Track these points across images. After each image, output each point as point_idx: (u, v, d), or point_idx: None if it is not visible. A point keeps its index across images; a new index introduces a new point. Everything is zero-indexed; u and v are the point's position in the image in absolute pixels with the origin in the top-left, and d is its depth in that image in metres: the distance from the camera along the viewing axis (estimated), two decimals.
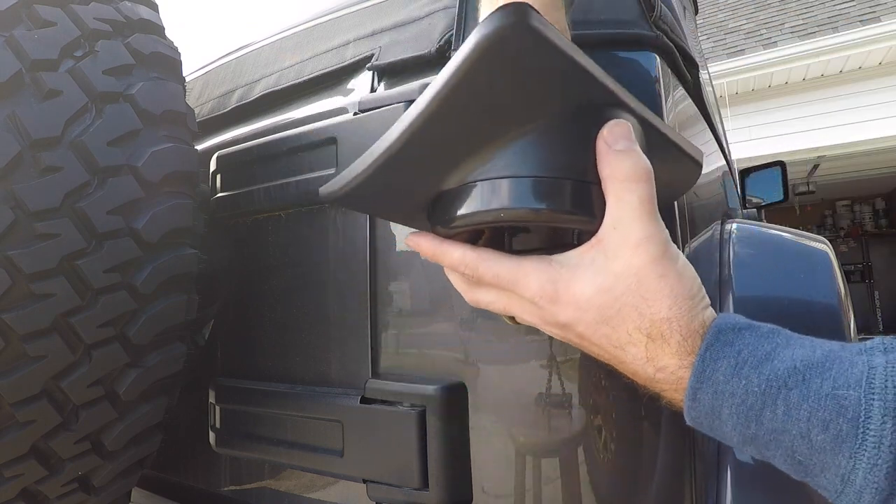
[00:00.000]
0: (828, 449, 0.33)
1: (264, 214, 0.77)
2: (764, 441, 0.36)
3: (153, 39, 0.69)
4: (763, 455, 0.37)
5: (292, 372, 0.74)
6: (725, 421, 0.37)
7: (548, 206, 0.37)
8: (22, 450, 0.61)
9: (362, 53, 0.73)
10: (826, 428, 0.33)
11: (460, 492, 0.58)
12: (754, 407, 0.35)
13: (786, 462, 0.36)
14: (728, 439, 0.38)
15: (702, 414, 0.38)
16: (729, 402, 0.36)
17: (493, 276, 0.41)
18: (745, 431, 0.36)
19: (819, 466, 0.34)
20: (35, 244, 0.56)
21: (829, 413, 0.33)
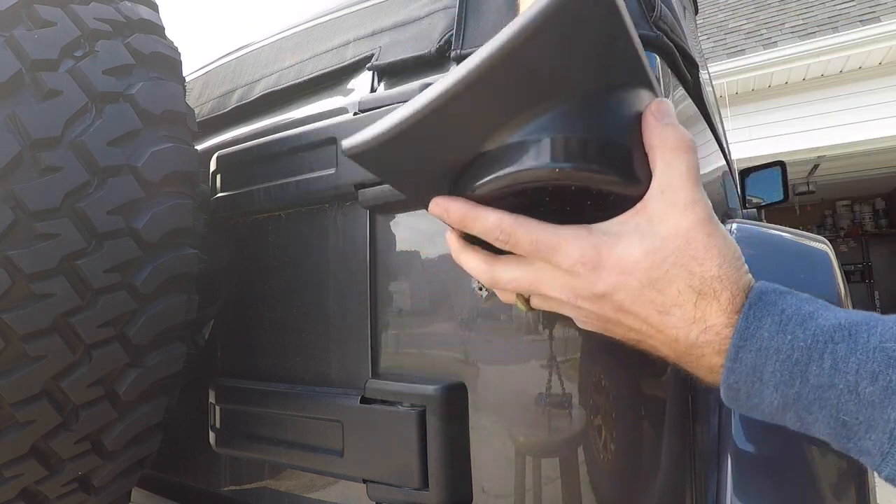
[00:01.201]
0: (876, 402, 0.33)
1: (264, 214, 0.77)
2: (807, 401, 0.35)
3: (153, 39, 0.69)
4: (803, 421, 0.36)
5: (292, 372, 0.74)
6: (767, 382, 0.36)
7: (599, 165, 0.37)
8: (22, 450, 0.61)
9: (362, 53, 0.73)
10: (875, 380, 0.33)
11: (460, 492, 0.58)
12: (800, 362, 0.35)
13: (828, 425, 0.35)
14: (766, 406, 0.37)
15: (741, 377, 0.37)
16: (773, 359, 0.35)
17: (530, 242, 0.39)
18: (787, 391, 0.35)
19: (865, 425, 0.33)
20: (35, 244, 0.56)
21: (878, 365, 0.33)
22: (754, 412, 0.39)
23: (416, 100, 0.37)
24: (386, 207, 0.65)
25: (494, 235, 0.40)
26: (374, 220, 0.67)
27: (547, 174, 0.37)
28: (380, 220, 0.67)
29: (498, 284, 0.44)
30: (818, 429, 0.36)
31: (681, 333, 0.38)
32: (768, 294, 0.37)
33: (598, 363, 0.55)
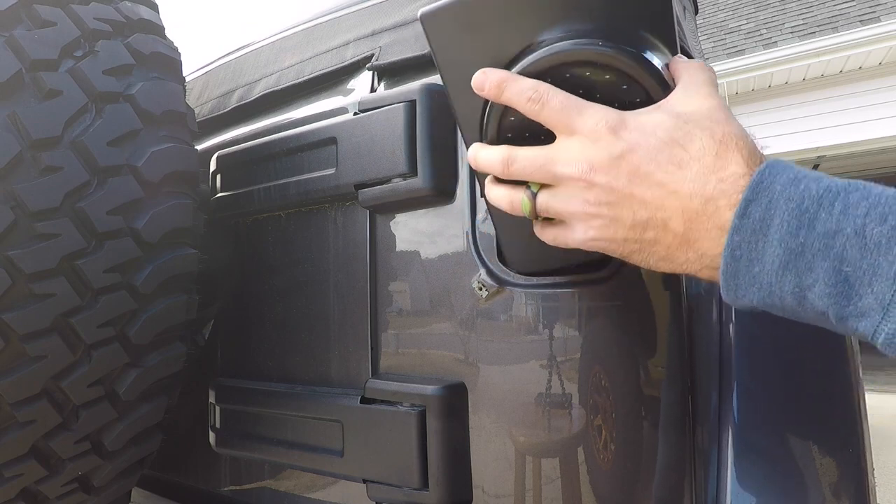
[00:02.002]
0: (882, 244, 0.32)
1: (264, 214, 0.77)
2: (811, 253, 0.34)
3: (153, 39, 0.69)
4: (802, 285, 0.35)
5: (292, 372, 0.74)
6: (772, 235, 0.36)
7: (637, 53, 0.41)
8: (22, 450, 0.61)
9: (362, 53, 0.73)
10: (884, 220, 0.32)
11: (460, 492, 0.58)
12: (809, 210, 0.35)
13: (828, 284, 0.34)
14: (766, 273, 0.37)
15: (746, 235, 0.37)
16: (783, 209, 0.35)
17: (560, 102, 0.42)
18: (791, 243, 0.35)
19: (869, 273, 0.32)
20: (35, 244, 0.56)
21: (890, 207, 0.33)
22: (751, 290, 0.38)
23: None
24: (386, 207, 0.65)
25: (528, 95, 0.42)
26: (374, 220, 0.67)
27: (593, 54, 0.41)
28: (380, 220, 0.67)
29: (514, 165, 0.44)
30: (816, 294, 0.35)
31: (697, 187, 0.38)
32: (785, 162, 0.38)
33: (598, 363, 0.55)
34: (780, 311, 0.38)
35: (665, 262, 0.42)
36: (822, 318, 0.36)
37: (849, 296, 0.34)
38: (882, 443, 3.62)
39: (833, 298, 0.34)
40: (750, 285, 0.38)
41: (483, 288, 0.58)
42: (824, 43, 5.47)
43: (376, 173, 0.63)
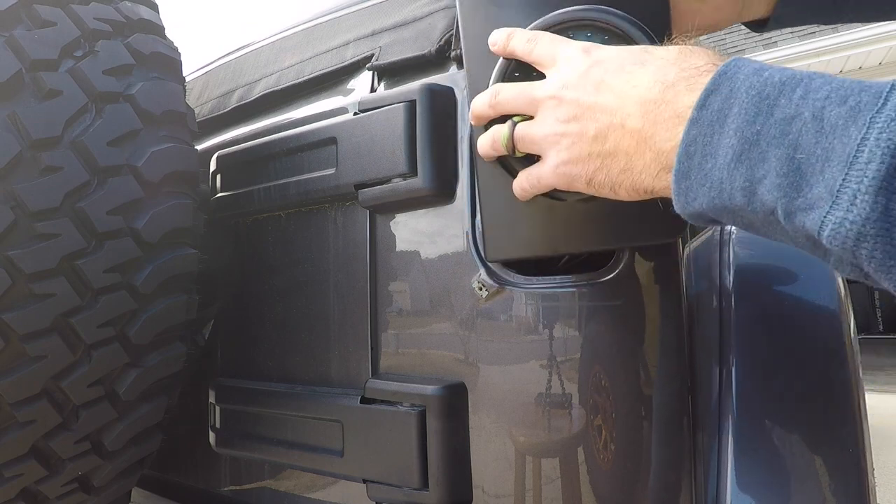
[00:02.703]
0: (839, 126, 0.30)
1: (264, 214, 0.77)
2: (766, 140, 0.33)
3: (153, 39, 0.69)
4: (753, 175, 0.34)
5: (292, 372, 0.74)
6: (729, 125, 0.35)
7: (630, 16, 0.47)
8: (22, 450, 0.61)
9: (362, 53, 0.73)
10: (844, 102, 0.31)
11: (460, 492, 0.58)
12: (770, 96, 0.34)
13: (779, 174, 0.33)
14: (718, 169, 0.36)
15: (703, 127, 0.36)
16: (742, 98, 0.34)
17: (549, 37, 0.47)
18: (747, 131, 0.34)
19: (822, 160, 0.31)
20: (35, 244, 0.56)
21: (851, 90, 0.31)
22: (702, 190, 0.37)
23: None
24: (386, 207, 0.65)
25: (526, 38, 0.47)
26: (374, 220, 0.67)
27: (593, 15, 0.47)
28: (380, 220, 0.67)
29: (499, 96, 0.48)
30: (766, 187, 0.34)
31: (657, 77, 0.39)
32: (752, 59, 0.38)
33: (598, 363, 0.55)
34: (729, 214, 0.37)
35: (625, 175, 0.41)
36: (771, 220, 0.35)
37: (799, 186, 0.32)
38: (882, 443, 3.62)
39: (783, 191, 0.33)
40: (701, 185, 0.37)
41: (483, 288, 0.58)
42: (824, 43, 5.47)
43: (376, 173, 0.63)
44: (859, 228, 0.30)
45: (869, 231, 0.29)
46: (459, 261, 0.60)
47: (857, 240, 0.30)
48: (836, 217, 0.30)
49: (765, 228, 0.36)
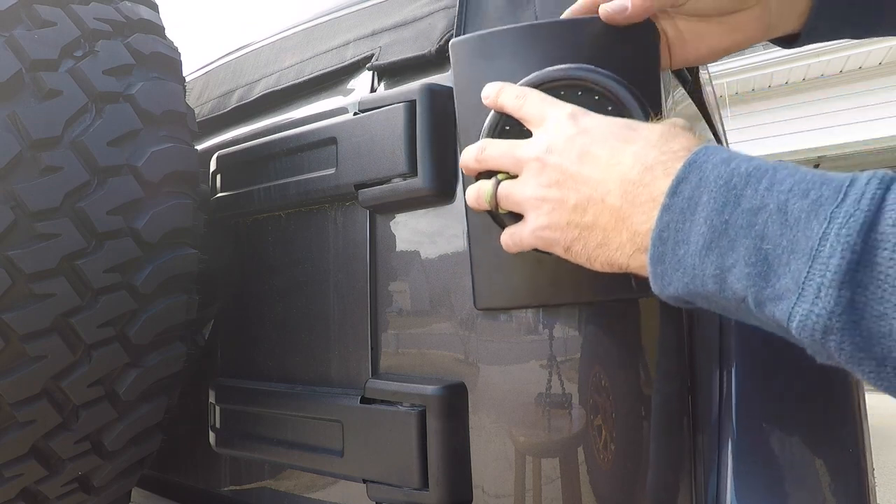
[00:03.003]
0: (802, 219, 0.31)
1: (264, 214, 0.77)
2: (734, 230, 0.34)
3: (153, 39, 0.69)
4: (723, 266, 0.35)
5: (292, 372, 0.74)
6: (699, 214, 0.36)
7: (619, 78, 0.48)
8: (22, 450, 0.61)
9: (362, 53, 0.73)
10: (806, 195, 0.32)
11: (460, 492, 0.58)
12: (737, 186, 0.35)
13: (748, 263, 0.34)
14: (691, 255, 0.36)
15: (675, 214, 0.37)
16: (711, 187, 0.36)
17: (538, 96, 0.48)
18: (716, 220, 0.35)
19: (787, 252, 0.32)
20: (35, 244, 0.56)
21: (813, 184, 0.32)
22: (676, 275, 0.38)
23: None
24: (386, 207, 0.65)
25: (515, 94, 0.49)
26: (374, 220, 0.67)
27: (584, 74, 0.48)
28: (380, 220, 0.67)
29: (485, 152, 0.49)
30: (736, 276, 0.34)
31: (638, 157, 0.40)
32: (721, 147, 0.39)
33: (598, 363, 0.55)
34: (704, 300, 0.38)
35: (602, 250, 0.42)
36: (743, 307, 0.35)
37: (767, 276, 0.33)
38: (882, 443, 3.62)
39: (752, 280, 0.34)
40: (675, 269, 0.38)
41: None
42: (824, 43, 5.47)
43: (376, 173, 0.63)
44: (825, 322, 0.30)
45: (835, 324, 0.30)
46: (459, 261, 0.60)
47: (825, 332, 0.31)
48: (804, 309, 0.31)
49: (738, 314, 0.37)
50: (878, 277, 0.29)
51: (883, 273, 0.29)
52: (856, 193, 0.30)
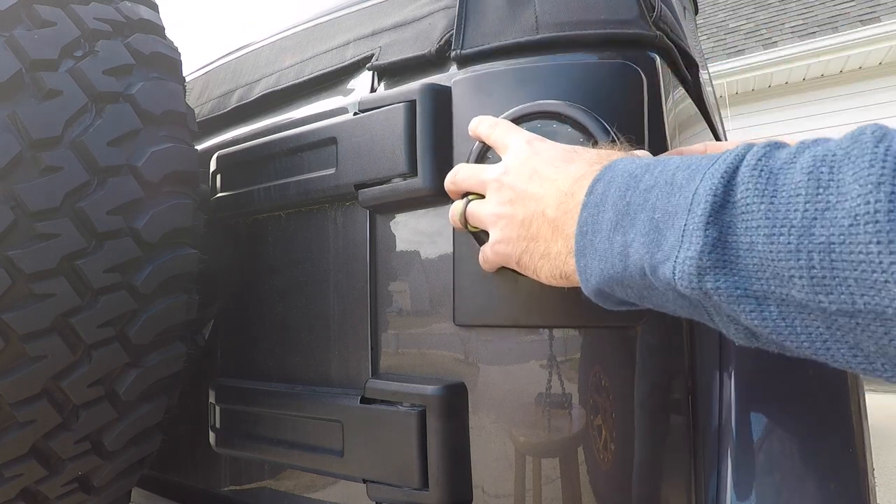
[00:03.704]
0: (684, 185, 0.35)
1: (264, 214, 0.77)
2: (633, 208, 0.37)
3: (153, 39, 0.69)
4: (626, 239, 0.38)
5: (292, 372, 0.74)
6: (608, 202, 0.39)
7: (590, 111, 0.54)
8: (22, 450, 0.61)
9: (362, 53, 0.73)
10: (689, 167, 0.35)
11: (460, 492, 0.58)
12: (636, 174, 0.39)
13: (644, 234, 0.36)
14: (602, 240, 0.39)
15: (591, 210, 0.41)
16: (619, 179, 0.40)
17: (507, 125, 0.53)
18: (620, 203, 0.38)
19: (671, 215, 0.35)
20: (35, 244, 0.56)
21: (698, 161, 0.36)
22: (594, 263, 0.40)
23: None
24: (386, 207, 0.65)
25: (490, 124, 0.54)
26: (374, 220, 0.67)
27: (555, 107, 0.55)
28: (380, 220, 0.67)
29: (457, 175, 0.54)
30: (635, 249, 0.37)
31: (574, 174, 0.44)
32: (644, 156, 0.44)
33: (598, 363, 0.55)
34: (618, 284, 0.40)
35: (544, 260, 0.46)
36: (647, 282, 0.37)
37: (658, 242, 0.35)
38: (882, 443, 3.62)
39: (647, 248, 0.36)
40: (593, 258, 0.40)
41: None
42: (824, 43, 5.47)
43: (376, 173, 0.63)
44: (697, 262, 0.32)
45: (706, 263, 0.32)
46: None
47: (699, 274, 0.33)
48: (681, 258, 0.33)
49: (648, 294, 0.39)
50: (742, 211, 0.31)
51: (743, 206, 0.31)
52: (725, 155, 0.34)
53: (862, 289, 0.27)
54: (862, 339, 0.28)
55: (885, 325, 0.27)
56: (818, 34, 5.60)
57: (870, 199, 0.26)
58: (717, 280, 0.32)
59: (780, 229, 0.29)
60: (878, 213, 0.26)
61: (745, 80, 5.84)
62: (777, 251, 0.29)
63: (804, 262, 0.28)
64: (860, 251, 0.26)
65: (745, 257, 0.31)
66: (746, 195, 0.31)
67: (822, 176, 0.29)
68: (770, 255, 0.30)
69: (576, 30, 0.58)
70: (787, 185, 0.30)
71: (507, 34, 0.61)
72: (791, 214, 0.29)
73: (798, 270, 0.29)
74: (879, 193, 0.26)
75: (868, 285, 0.26)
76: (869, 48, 5.34)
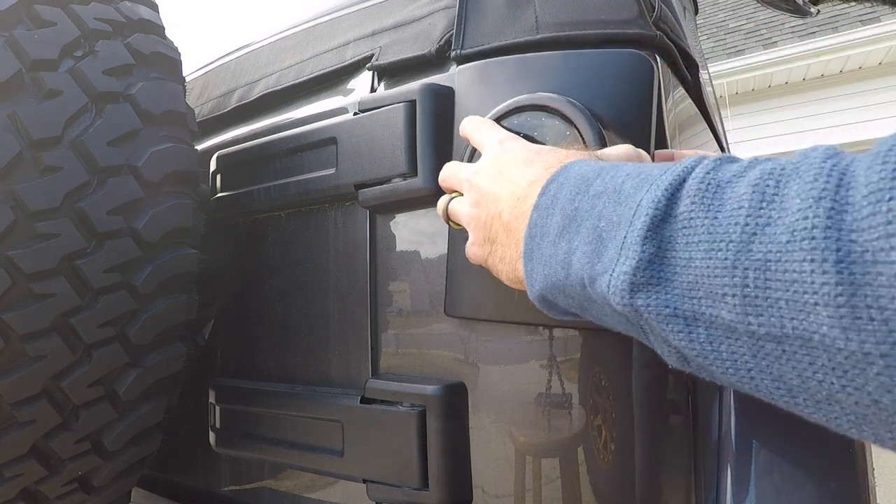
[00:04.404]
0: (631, 194, 0.33)
1: (264, 214, 0.77)
2: (581, 214, 0.36)
3: (153, 39, 0.69)
4: (570, 247, 0.37)
5: (292, 372, 0.74)
6: (558, 205, 0.38)
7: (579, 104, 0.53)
8: (22, 450, 0.61)
9: (362, 53, 0.73)
10: (639, 175, 0.34)
11: (460, 492, 0.58)
12: (588, 178, 0.37)
13: (587, 243, 0.35)
14: (548, 243, 0.39)
15: (542, 212, 0.40)
16: (571, 182, 0.38)
17: (487, 124, 0.53)
18: (568, 208, 0.37)
19: (614, 225, 0.33)
20: (35, 244, 0.56)
21: (649, 170, 0.34)
22: (538, 269, 0.40)
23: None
24: (386, 207, 0.65)
25: (475, 123, 0.54)
26: (374, 220, 0.67)
27: (547, 99, 0.54)
28: (380, 220, 0.67)
29: (443, 174, 0.54)
30: (577, 257, 0.36)
31: (528, 176, 0.43)
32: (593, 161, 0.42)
33: (598, 363, 0.55)
34: (561, 294, 0.39)
35: (503, 264, 0.45)
36: (587, 293, 0.36)
37: (599, 253, 0.34)
38: None
39: (588, 258, 0.35)
40: (538, 262, 0.39)
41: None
42: (824, 43, 5.47)
43: (376, 173, 0.63)
44: (631, 278, 0.31)
45: (640, 279, 0.31)
46: None
47: (632, 290, 0.32)
48: (616, 272, 0.32)
49: (588, 306, 0.38)
50: (684, 226, 0.30)
51: (685, 220, 0.30)
52: (675, 166, 0.32)
53: (792, 311, 0.25)
54: (786, 370, 0.27)
55: (811, 353, 0.25)
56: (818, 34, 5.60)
57: (808, 215, 0.25)
58: (649, 297, 0.31)
59: (719, 244, 0.28)
60: (816, 228, 0.24)
61: (745, 80, 5.84)
62: (713, 267, 0.28)
63: (738, 280, 0.27)
64: (794, 269, 0.25)
65: (682, 274, 0.30)
66: (690, 209, 0.30)
67: (768, 190, 0.27)
68: (706, 271, 0.29)
69: (576, 30, 0.58)
70: (732, 199, 0.29)
71: (507, 34, 0.61)
72: (731, 229, 0.28)
73: (731, 288, 0.27)
74: (819, 209, 0.24)
75: (798, 308, 0.25)
76: (869, 48, 5.33)
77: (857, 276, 0.23)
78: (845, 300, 0.23)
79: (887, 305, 0.22)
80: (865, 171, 0.24)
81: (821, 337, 0.24)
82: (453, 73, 0.63)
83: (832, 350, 0.24)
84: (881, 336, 0.22)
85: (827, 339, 0.24)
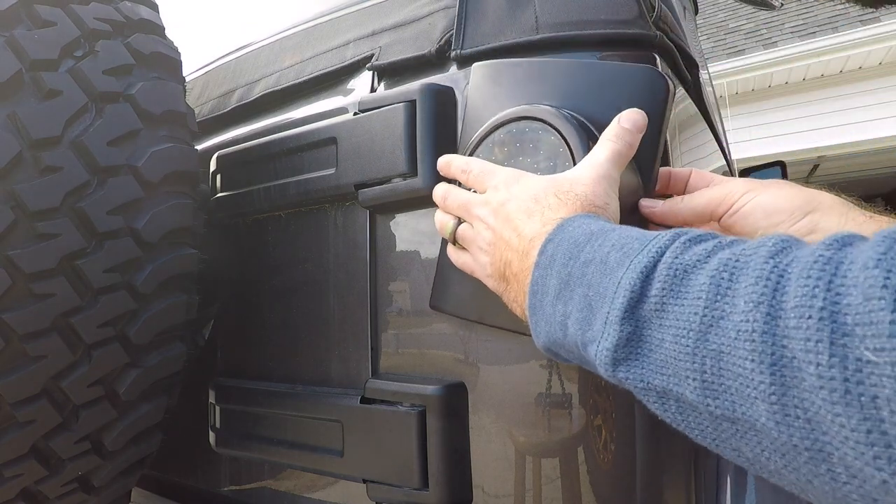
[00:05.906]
0: (615, 268, 0.36)
1: (264, 214, 0.77)
2: (574, 280, 0.38)
3: (153, 39, 0.69)
4: (566, 310, 0.39)
5: (292, 372, 0.74)
6: (555, 267, 0.40)
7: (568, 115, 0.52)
8: (22, 450, 0.61)
9: (362, 53, 0.73)
10: (622, 248, 0.36)
11: (460, 492, 0.58)
12: (579, 243, 0.39)
13: (580, 310, 0.38)
14: (548, 303, 0.40)
15: (542, 270, 0.42)
16: (565, 245, 0.40)
17: (479, 167, 0.53)
18: (563, 272, 0.39)
19: (601, 296, 0.36)
20: (35, 244, 0.56)
21: (631, 239, 0.37)
22: (541, 325, 0.42)
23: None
24: (386, 207, 0.65)
25: (461, 168, 0.54)
26: (374, 220, 0.67)
27: (536, 112, 0.53)
28: (380, 220, 0.67)
29: (447, 200, 0.54)
30: (572, 322, 0.38)
31: (533, 230, 0.45)
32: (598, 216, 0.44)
33: None
34: (562, 348, 0.41)
35: (516, 305, 0.47)
36: (579, 351, 0.39)
37: (589, 321, 0.37)
38: None
39: (580, 325, 0.38)
40: (541, 318, 0.42)
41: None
42: (824, 43, 5.46)
43: (376, 173, 0.63)
44: (612, 354, 0.35)
45: (620, 356, 0.34)
46: None
47: (614, 365, 0.35)
48: (602, 345, 0.35)
49: (585, 364, 0.40)
50: (656, 308, 0.33)
51: (656, 303, 0.33)
52: (651, 245, 0.35)
53: (741, 398, 0.28)
54: (741, 445, 0.30)
55: (758, 435, 0.28)
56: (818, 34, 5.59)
57: (749, 318, 0.28)
58: (628, 371, 0.34)
59: (682, 331, 0.31)
60: (755, 332, 0.27)
61: (745, 80, 5.83)
62: (678, 351, 0.31)
63: (698, 366, 0.30)
64: (739, 364, 0.28)
65: (655, 352, 0.33)
66: (661, 293, 0.33)
67: (722, 283, 0.30)
68: (673, 353, 0.32)
69: (576, 30, 0.58)
70: (693, 288, 0.31)
71: (507, 34, 0.61)
72: (692, 318, 0.31)
73: (693, 372, 0.31)
74: (757, 313, 0.27)
75: (744, 397, 0.28)
76: (869, 48, 5.33)
77: (788, 379, 0.26)
78: (777, 399, 0.27)
79: (809, 407, 0.25)
80: (796, 279, 0.27)
81: (762, 425, 0.28)
82: (454, 73, 0.63)
83: (772, 437, 0.28)
84: (805, 433, 0.26)
85: (766, 428, 0.28)
